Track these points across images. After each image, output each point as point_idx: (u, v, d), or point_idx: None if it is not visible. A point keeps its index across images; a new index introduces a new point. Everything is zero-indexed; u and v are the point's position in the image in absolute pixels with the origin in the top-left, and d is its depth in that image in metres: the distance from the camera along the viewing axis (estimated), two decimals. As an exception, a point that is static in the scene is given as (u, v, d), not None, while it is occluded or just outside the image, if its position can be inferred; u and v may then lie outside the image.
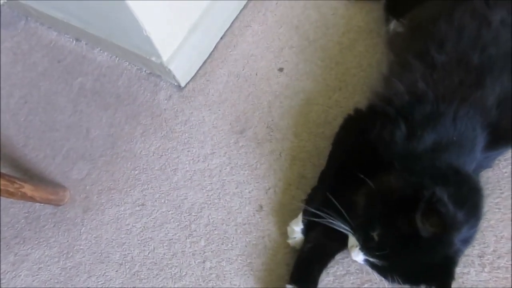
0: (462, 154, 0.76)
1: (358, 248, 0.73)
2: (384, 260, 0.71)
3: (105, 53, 1.23)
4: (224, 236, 0.94)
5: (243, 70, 1.12)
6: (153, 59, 1.06)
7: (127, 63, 1.19)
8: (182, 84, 1.13)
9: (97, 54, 1.23)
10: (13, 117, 1.21)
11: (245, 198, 0.97)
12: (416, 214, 0.64)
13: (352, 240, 0.75)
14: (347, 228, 0.75)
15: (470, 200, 0.72)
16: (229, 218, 0.96)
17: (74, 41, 1.28)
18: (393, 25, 1.02)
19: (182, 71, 1.11)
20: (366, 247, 0.72)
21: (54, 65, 1.27)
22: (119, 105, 1.15)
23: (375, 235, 0.71)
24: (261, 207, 0.96)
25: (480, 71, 0.78)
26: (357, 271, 0.85)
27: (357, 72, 1.05)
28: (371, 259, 0.72)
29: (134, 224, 1.00)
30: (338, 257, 0.87)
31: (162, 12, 0.97)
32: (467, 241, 0.71)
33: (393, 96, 0.82)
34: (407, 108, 0.80)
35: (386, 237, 0.70)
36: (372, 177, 0.73)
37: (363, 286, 0.84)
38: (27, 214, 1.06)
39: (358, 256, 0.74)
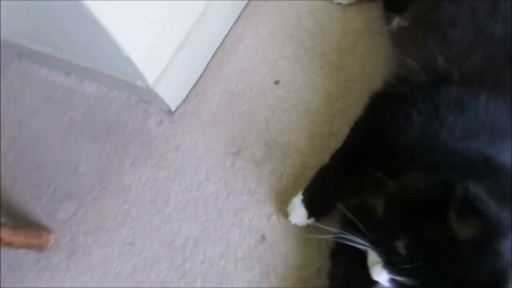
0: (495, 142, 0.62)
1: (380, 265, 0.59)
2: (415, 277, 0.56)
3: (94, 84, 1.16)
4: (223, 274, 0.81)
5: (236, 87, 1.02)
6: (139, 83, 0.98)
7: (116, 92, 1.12)
8: (173, 108, 1.04)
9: (86, 86, 1.17)
10: (2, 159, 1.15)
11: (245, 227, 0.85)
12: (449, 214, 0.51)
13: (372, 257, 0.61)
14: (364, 242, 0.61)
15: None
16: (227, 253, 0.83)
17: (64, 76, 1.23)
18: (397, 21, 0.91)
19: (171, 94, 1.02)
20: (390, 263, 0.58)
21: (45, 102, 1.22)
22: (108, 136, 1.07)
23: (400, 247, 0.57)
24: (263, 237, 0.83)
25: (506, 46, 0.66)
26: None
27: (361, 76, 0.94)
28: (398, 278, 0.58)
29: (122, 266, 0.89)
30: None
31: (143, 31, 0.90)
32: None
33: (408, 75, 0.71)
34: (426, 88, 0.68)
35: (415, 248, 0.56)
36: (390, 175, 0.60)
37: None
38: (10, 262, 0.97)
39: (381, 276, 0.59)
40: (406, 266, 0.55)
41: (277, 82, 1.00)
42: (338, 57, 0.98)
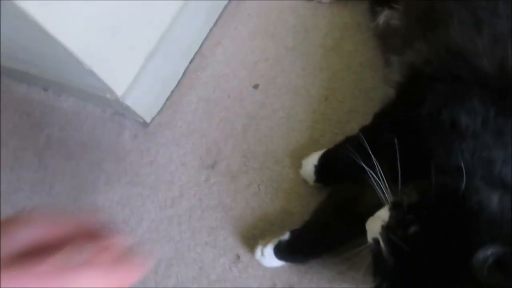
0: None
1: (379, 222, 0.59)
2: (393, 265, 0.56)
3: (70, 99, 1.19)
4: (196, 299, 0.81)
5: (213, 93, 1.02)
6: (108, 96, 0.99)
7: (91, 106, 1.14)
8: (148, 120, 1.05)
9: (63, 101, 1.20)
10: (-20, 182, 1.19)
11: (219, 247, 0.84)
12: (478, 256, 0.49)
13: (383, 212, 0.60)
14: (386, 196, 0.60)
15: None
16: (201, 275, 0.82)
17: (42, 92, 1.26)
18: (384, 16, 0.88)
19: (145, 105, 1.03)
20: (390, 233, 0.57)
21: (24, 120, 1.26)
22: (83, 152, 1.09)
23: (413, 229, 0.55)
24: (238, 257, 0.81)
25: None
26: None
27: (346, 76, 0.91)
28: (382, 245, 0.57)
29: (94, 292, 0.89)
30: None
31: (104, 41, 0.90)
32: None
33: (462, 61, 0.65)
34: (482, 97, 0.62)
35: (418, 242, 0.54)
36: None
37: None
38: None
39: (374, 231, 0.59)
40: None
41: (256, 86, 0.99)
42: (321, 55, 0.96)
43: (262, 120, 0.93)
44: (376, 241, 0.58)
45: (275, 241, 0.77)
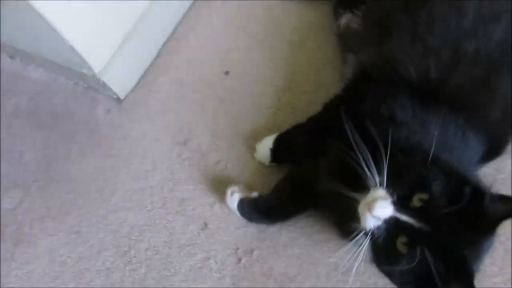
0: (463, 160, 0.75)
1: (388, 200, 0.65)
2: (427, 224, 0.63)
3: (41, 69, 1.24)
4: (167, 261, 0.93)
5: (186, 76, 1.13)
6: (84, 71, 1.07)
7: (63, 78, 1.20)
8: (122, 96, 1.13)
9: (32, 71, 1.25)
10: None
11: (189, 216, 0.96)
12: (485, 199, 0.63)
13: (377, 193, 0.67)
14: (373, 178, 0.69)
15: None
16: (171, 240, 0.95)
17: (9, 59, 1.29)
18: (345, 19, 1.02)
19: (120, 82, 1.11)
20: (402, 203, 0.65)
21: (-12, 87, 1.28)
22: (55, 124, 1.15)
23: (416, 198, 0.66)
24: (206, 225, 0.94)
25: (482, 66, 0.77)
26: (312, 289, 0.84)
27: (308, 70, 1.06)
28: (405, 218, 0.64)
29: (68, 255, 0.99)
30: (291, 273, 0.85)
31: (87, 19, 0.98)
32: None
33: (399, 68, 0.80)
34: (414, 91, 0.77)
35: (436, 201, 0.64)
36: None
37: None
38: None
39: (385, 211, 0.64)
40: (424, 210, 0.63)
41: (227, 73, 1.11)
42: (288, 50, 1.10)
43: (231, 104, 1.06)
44: (388, 221, 0.64)
45: (243, 194, 0.90)
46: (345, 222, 0.76)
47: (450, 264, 0.62)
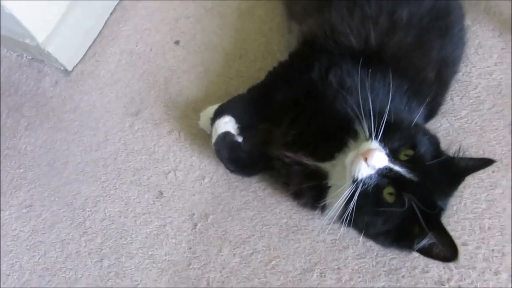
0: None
1: (383, 152, 0.67)
2: (417, 174, 0.67)
3: (-20, 41, 1.15)
4: (123, 230, 0.92)
5: (136, 46, 1.09)
6: (28, 41, 1.01)
7: (5, 50, 1.13)
8: (69, 68, 1.08)
9: (-29, 43, 1.16)
10: None
11: (144, 185, 0.95)
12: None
13: (373, 144, 0.69)
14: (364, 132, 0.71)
15: None
16: (127, 210, 0.94)
17: None
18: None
19: (66, 53, 1.06)
20: (395, 155, 0.68)
21: None
22: (0, 97, 1.09)
23: (403, 153, 0.69)
24: (161, 193, 0.94)
25: (416, 32, 0.79)
26: (264, 248, 0.86)
27: (258, 38, 1.05)
28: (398, 168, 0.67)
29: (21, 229, 0.96)
30: (245, 235, 0.87)
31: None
32: None
33: (340, 36, 0.81)
34: (358, 57, 0.79)
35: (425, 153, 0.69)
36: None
37: (271, 263, 0.84)
38: None
39: (380, 162, 0.67)
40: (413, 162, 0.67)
41: (177, 42, 1.08)
42: (237, 18, 1.08)
43: (183, 74, 1.04)
44: (380, 171, 0.67)
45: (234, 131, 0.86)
46: (305, 189, 0.78)
47: (431, 212, 0.66)
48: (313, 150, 0.75)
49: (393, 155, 0.68)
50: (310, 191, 0.77)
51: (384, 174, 0.67)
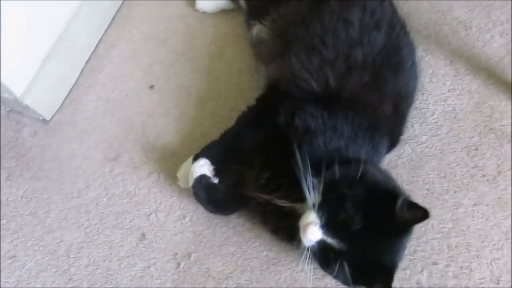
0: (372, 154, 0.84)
1: (318, 226, 0.72)
2: (345, 242, 0.71)
3: (-43, 96, 1.17)
4: (107, 274, 0.93)
5: (112, 93, 1.12)
6: (6, 95, 1.03)
7: (-17, 103, 1.15)
8: (47, 118, 1.10)
9: None
10: None
11: (126, 228, 0.97)
12: (397, 206, 0.71)
13: (309, 217, 0.74)
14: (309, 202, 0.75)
15: None
16: (111, 254, 0.95)
17: None
18: (256, 30, 1.06)
19: (44, 104, 1.09)
20: (329, 226, 0.73)
21: None
22: (-21, 151, 1.10)
23: (342, 216, 0.72)
24: (143, 235, 0.96)
25: (371, 71, 0.85)
26: (247, 282, 0.88)
27: (228, 79, 1.10)
28: (330, 240, 0.72)
29: (6, 280, 0.96)
30: (227, 271, 0.89)
31: (2, 44, 0.94)
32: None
33: (300, 82, 0.86)
34: (320, 103, 0.84)
35: (353, 219, 0.72)
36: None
37: None
38: None
39: (315, 235, 0.72)
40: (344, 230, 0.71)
41: (151, 87, 1.12)
42: (208, 61, 1.13)
43: (159, 118, 1.07)
44: (319, 242, 0.73)
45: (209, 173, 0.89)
46: (283, 228, 0.82)
47: (368, 270, 0.72)
48: (286, 192, 0.79)
49: (330, 222, 0.73)
50: (285, 229, 0.81)
51: (323, 243, 0.73)
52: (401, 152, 0.96)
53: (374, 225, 0.71)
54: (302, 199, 0.76)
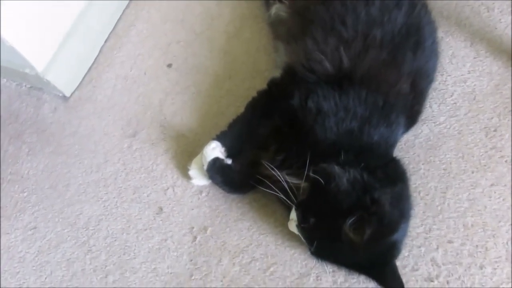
0: (387, 135, 0.84)
1: (295, 223, 0.80)
2: (311, 245, 0.78)
3: (-20, 73, 1.20)
4: (125, 246, 0.96)
5: (130, 71, 1.14)
6: (27, 71, 1.05)
7: (5, 80, 1.18)
8: (67, 94, 1.13)
9: (-29, 75, 1.20)
10: None
11: (144, 202, 0.99)
12: (346, 223, 0.72)
13: (293, 214, 0.81)
14: (289, 202, 0.81)
15: (405, 195, 0.81)
16: (129, 226, 0.97)
17: None
18: (275, 9, 1.07)
19: (65, 80, 1.11)
20: (301, 227, 0.79)
21: None
22: (1, 126, 1.13)
23: (311, 220, 0.77)
24: (161, 209, 0.98)
25: (389, 49, 0.85)
26: (262, 255, 0.90)
27: (246, 59, 1.11)
28: (303, 239, 0.80)
29: (27, 250, 0.99)
30: (243, 244, 0.91)
31: (26, 20, 0.97)
32: (406, 230, 0.80)
33: (314, 65, 0.87)
34: (333, 83, 0.85)
35: (318, 228, 0.77)
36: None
37: (270, 270, 0.88)
38: None
39: (295, 231, 0.82)
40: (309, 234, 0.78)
41: (169, 66, 1.13)
42: (225, 41, 1.14)
43: (176, 95, 1.09)
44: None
45: (221, 154, 0.91)
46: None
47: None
48: (296, 171, 0.81)
49: (301, 226, 0.80)
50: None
51: None
52: (418, 132, 0.97)
53: (331, 237, 0.75)
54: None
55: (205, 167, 0.91)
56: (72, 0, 1.07)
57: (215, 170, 0.91)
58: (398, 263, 0.85)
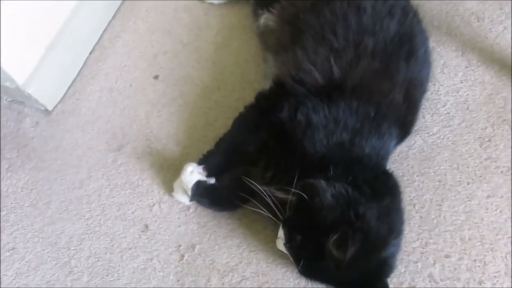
0: (379, 147, 0.82)
1: (282, 242, 0.78)
2: (300, 265, 0.75)
3: (-41, 86, 1.16)
4: (109, 266, 0.91)
5: (116, 83, 1.11)
6: (7, 84, 1.02)
7: (-15, 94, 1.14)
8: (50, 108, 1.09)
9: (-51, 89, 1.16)
10: None
11: (129, 220, 0.95)
12: (329, 240, 0.69)
13: (280, 232, 0.78)
14: (275, 220, 0.78)
15: (394, 209, 0.78)
16: (112, 245, 0.93)
17: None
18: (264, 19, 1.05)
19: (47, 93, 1.07)
20: (289, 245, 0.76)
21: None
22: (-21, 141, 1.09)
23: (298, 238, 0.74)
24: (146, 226, 0.94)
25: (381, 58, 0.84)
26: (253, 274, 0.86)
27: (234, 69, 1.08)
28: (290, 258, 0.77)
29: (4, 273, 0.94)
30: (233, 263, 0.87)
31: (5, 31, 0.93)
32: (398, 245, 0.77)
33: (304, 76, 0.85)
34: (324, 95, 0.83)
35: (304, 246, 0.74)
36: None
37: (261, 289, 0.85)
38: None
39: (281, 248, 0.79)
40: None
41: (156, 77, 1.10)
42: (213, 51, 1.12)
43: (163, 107, 1.06)
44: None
45: (201, 177, 0.87)
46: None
47: None
48: (286, 186, 0.78)
49: (288, 244, 0.77)
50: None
51: None
52: (412, 143, 0.95)
53: (316, 255, 0.72)
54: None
55: (189, 193, 0.88)
56: (55, 10, 1.04)
57: (200, 194, 0.89)
58: (394, 279, 0.82)
